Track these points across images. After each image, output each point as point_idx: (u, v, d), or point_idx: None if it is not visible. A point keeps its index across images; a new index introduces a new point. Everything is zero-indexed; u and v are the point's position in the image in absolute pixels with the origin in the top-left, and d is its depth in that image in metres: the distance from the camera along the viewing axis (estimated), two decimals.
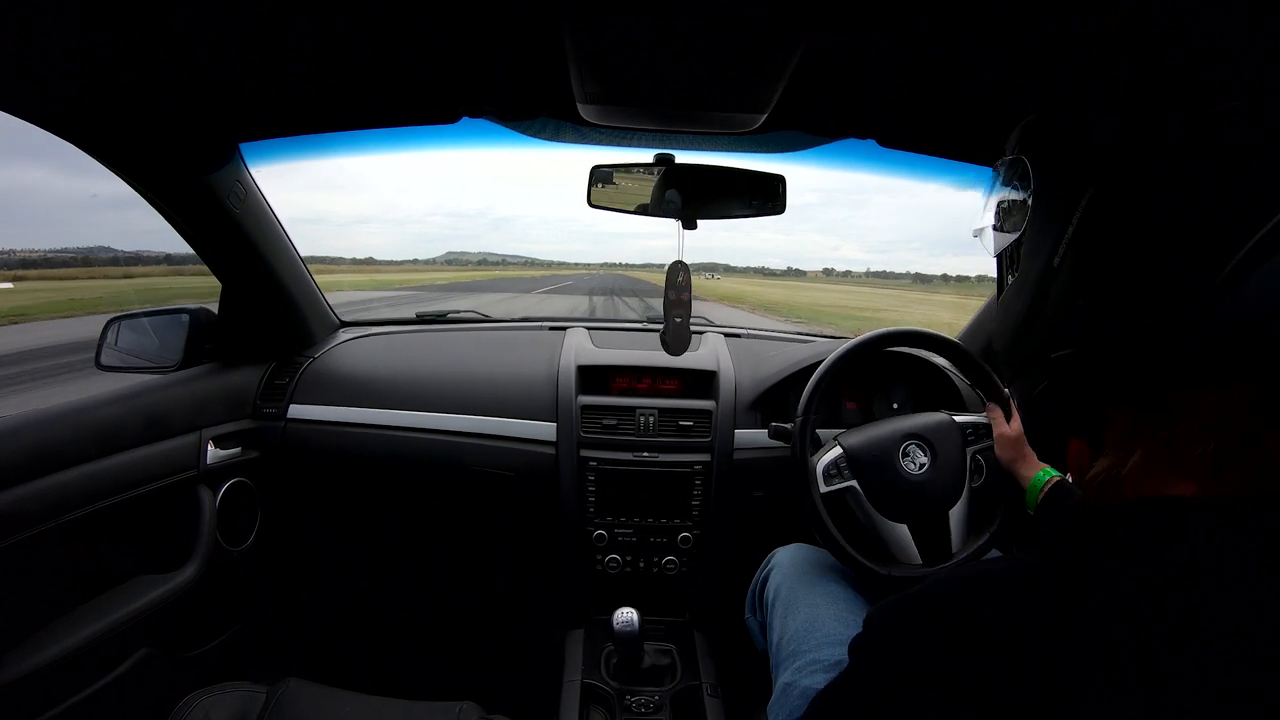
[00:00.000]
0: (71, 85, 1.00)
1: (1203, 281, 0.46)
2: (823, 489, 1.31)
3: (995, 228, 0.67)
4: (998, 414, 1.26)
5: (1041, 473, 1.15)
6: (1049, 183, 0.59)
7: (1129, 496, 0.53)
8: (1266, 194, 0.45)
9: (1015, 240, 0.62)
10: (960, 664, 0.48)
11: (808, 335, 2.11)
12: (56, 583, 1.20)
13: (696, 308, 1.31)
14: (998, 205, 0.67)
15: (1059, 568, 0.49)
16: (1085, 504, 0.58)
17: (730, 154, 1.32)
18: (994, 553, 1.34)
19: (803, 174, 1.36)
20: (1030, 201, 0.60)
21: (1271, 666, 0.41)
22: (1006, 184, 0.64)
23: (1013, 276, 0.64)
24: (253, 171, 1.45)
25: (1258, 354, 0.46)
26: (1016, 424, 1.21)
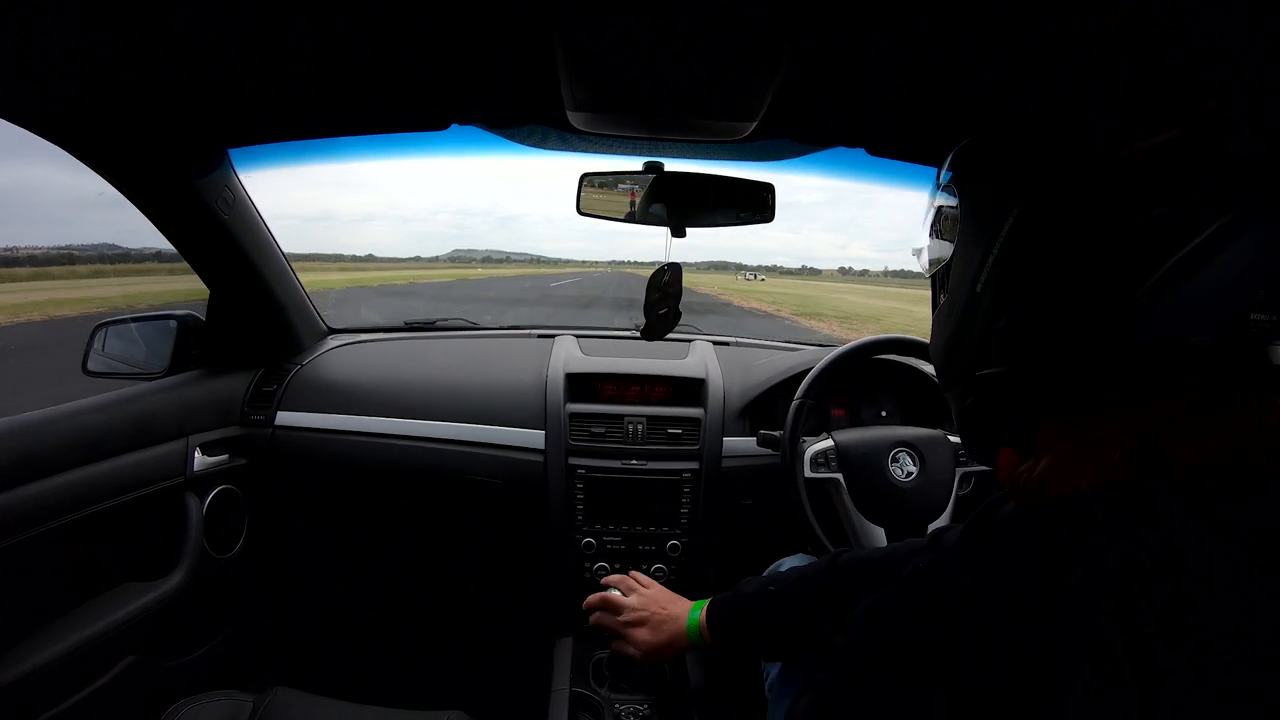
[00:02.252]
0: (57, 87, 0.99)
1: (1123, 304, 0.48)
2: (808, 474, 1.32)
3: (929, 246, 0.70)
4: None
5: (693, 607, 1.15)
6: (977, 205, 0.60)
7: (1045, 496, 0.56)
8: (1187, 214, 0.47)
9: (946, 261, 0.64)
10: (943, 657, 0.49)
11: (796, 344, 2.12)
12: (41, 590, 1.19)
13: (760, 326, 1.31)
14: (931, 225, 0.69)
15: (1032, 557, 0.50)
16: (1019, 503, 0.61)
17: (721, 162, 1.32)
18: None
19: (808, 174, 1.37)
20: (958, 224, 0.62)
21: (1258, 653, 0.42)
22: (939, 206, 0.67)
23: (945, 295, 0.65)
24: (242, 177, 1.45)
25: (1170, 372, 0.48)
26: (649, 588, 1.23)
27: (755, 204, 1.22)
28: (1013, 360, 0.55)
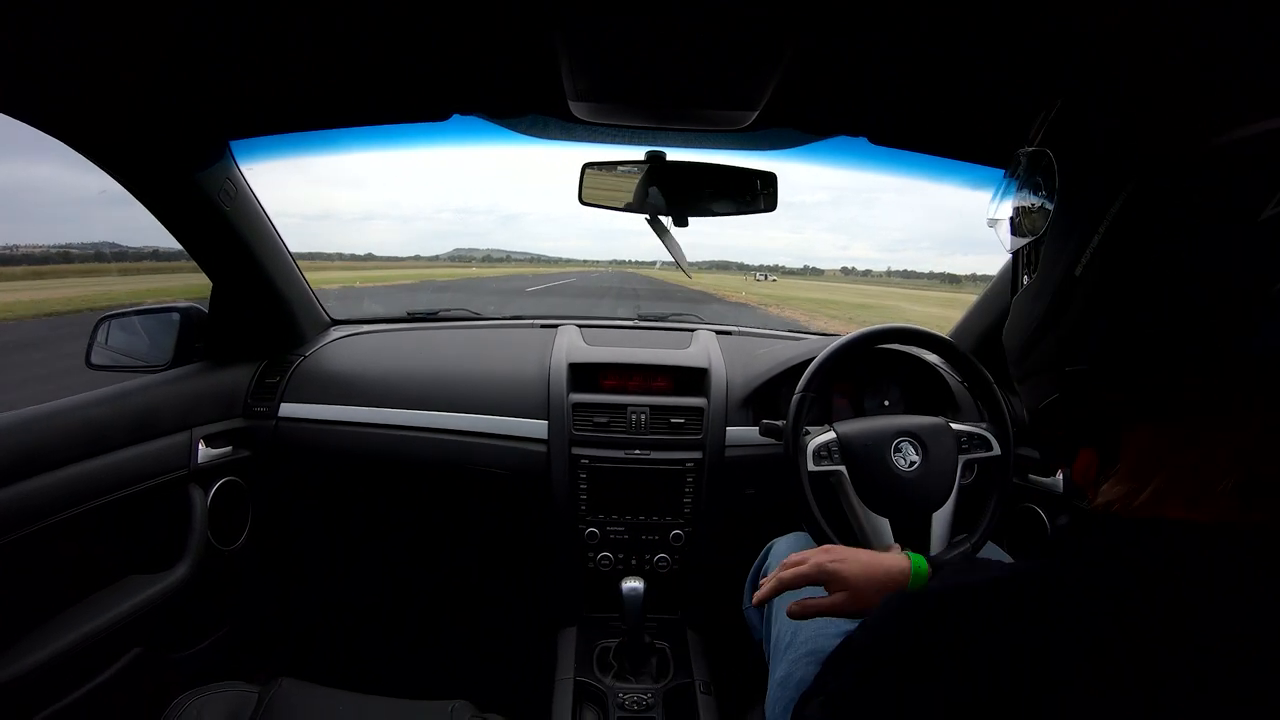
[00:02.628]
0: (59, 81, 0.99)
1: (1244, 305, 0.43)
2: (811, 468, 1.32)
3: (1013, 224, 0.62)
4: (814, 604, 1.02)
5: (913, 559, 0.98)
6: (1077, 180, 0.53)
7: (1146, 514, 0.51)
8: None
9: (1035, 240, 0.58)
10: (963, 672, 0.48)
11: (798, 333, 2.12)
12: (47, 584, 1.20)
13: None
14: (1016, 199, 0.61)
15: (1078, 582, 0.48)
16: (1097, 520, 0.55)
17: (723, 151, 1.32)
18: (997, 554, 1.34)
19: (813, 173, 1.36)
20: (1053, 200, 0.55)
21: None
22: (1027, 177, 0.59)
23: (1029, 277, 0.59)
24: (243, 169, 1.45)
25: None
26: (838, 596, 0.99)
27: (756, 191, 1.22)
28: (1113, 360, 0.50)
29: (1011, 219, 0.63)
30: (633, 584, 1.41)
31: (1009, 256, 0.65)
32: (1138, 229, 0.47)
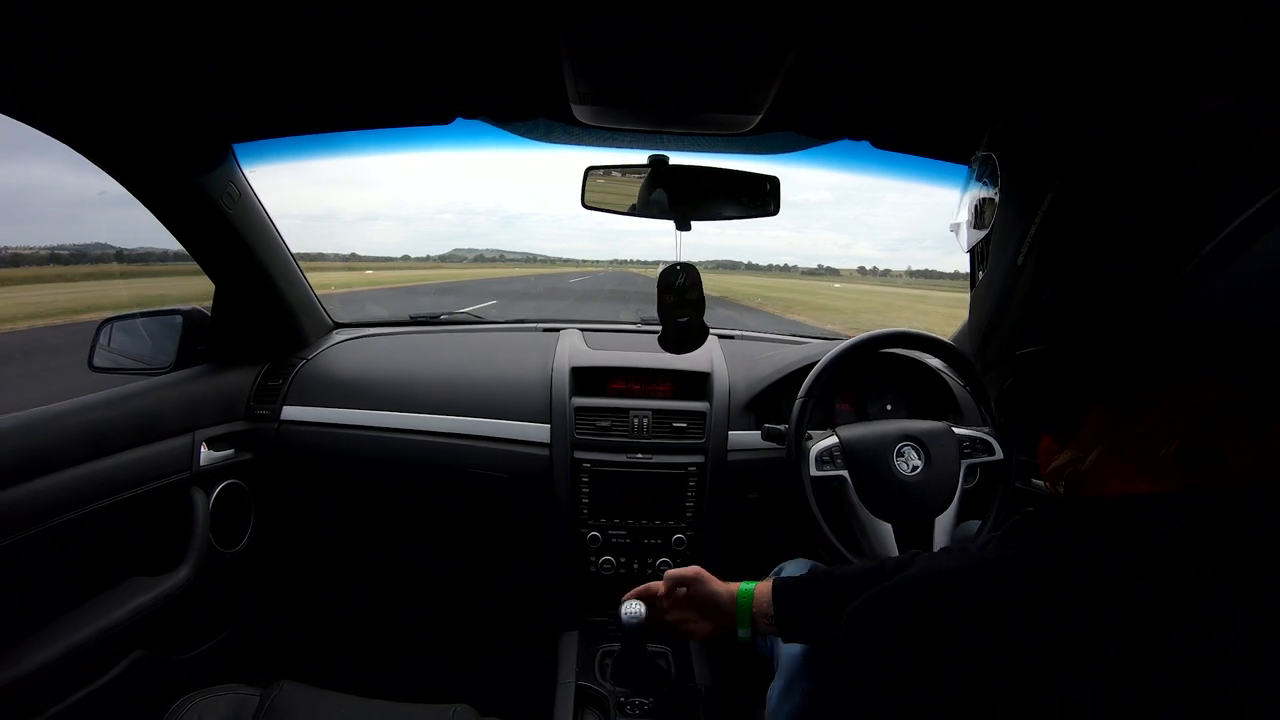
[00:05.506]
0: (63, 83, 0.99)
1: (1167, 278, 0.45)
2: (814, 472, 1.31)
3: (969, 223, 0.67)
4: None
5: (741, 586, 1.11)
6: (1016, 180, 0.58)
7: (1092, 493, 0.53)
8: (1237, 191, 0.44)
9: (985, 237, 0.62)
10: (944, 659, 0.48)
11: (802, 337, 2.12)
12: (49, 586, 1.19)
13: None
14: (971, 201, 0.66)
15: (1044, 561, 0.49)
16: (1052, 499, 0.58)
17: (726, 155, 1.32)
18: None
19: (814, 173, 1.35)
20: (998, 198, 0.60)
21: (1258, 666, 0.41)
22: (978, 180, 0.64)
23: (983, 273, 0.64)
24: (246, 172, 1.45)
25: (1226, 352, 0.45)
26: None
27: (759, 194, 1.21)
28: (1054, 338, 0.53)
29: (967, 220, 0.67)
30: (635, 608, 1.36)
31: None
32: (1067, 214, 0.52)
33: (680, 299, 1.21)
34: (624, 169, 1.22)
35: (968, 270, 1.06)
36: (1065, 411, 0.55)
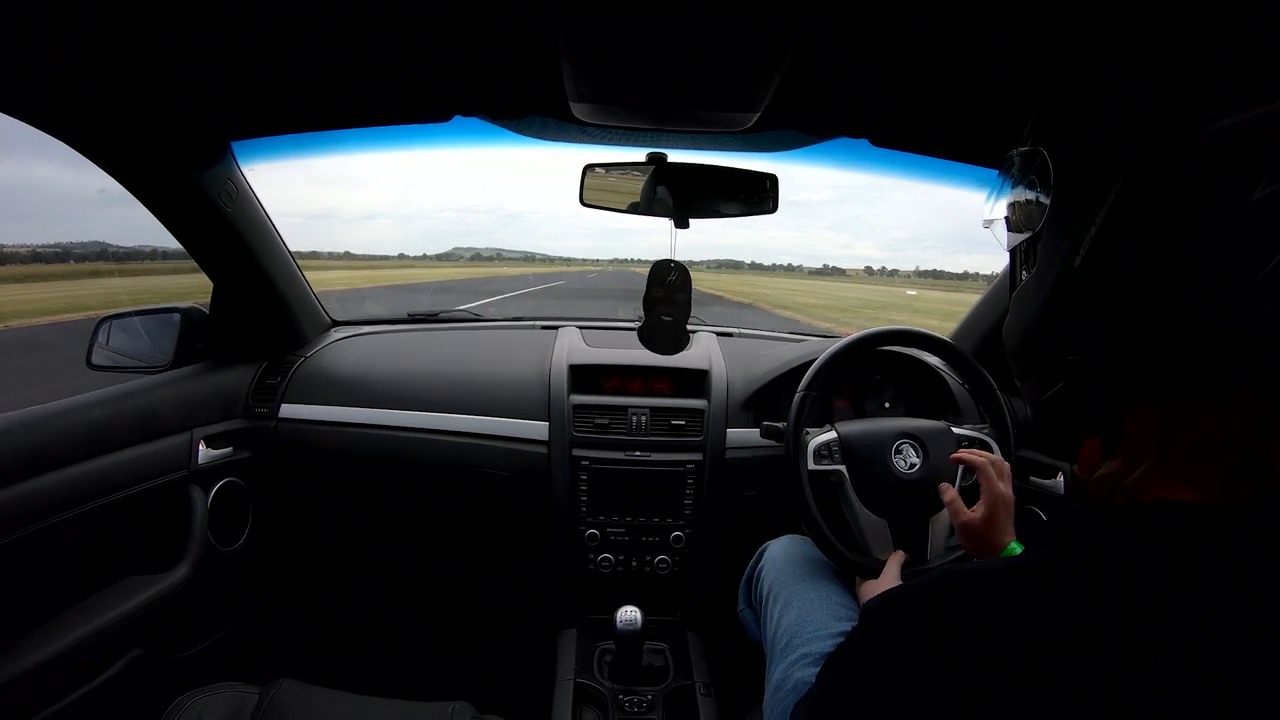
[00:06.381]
0: (61, 82, 0.99)
1: (1232, 290, 0.44)
2: (811, 466, 1.31)
3: (1009, 222, 0.64)
4: (955, 502, 1.15)
5: (1013, 544, 1.07)
6: (1070, 177, 0.55)
7: (1134, 500, 0.52)
8: None
9: (1033, 236, 0.59)
10: (961, 661, 0.48)
11: (800, 335, 2.12)
12: (47, 584, 1.19)
13: None
14: (1011, 198, 0.63)
15: (1066, 568, 0.48)
16: (1092, 506, 0.57)
17: (724, 153, 1.32)
18: None
19: (815, 171, 1.34)
20: (1049, 196, 0.57)
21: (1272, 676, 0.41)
22: (1022, 176, 0.61)
23: (1027, 273, 0.61)
24: (245, 170, 1.45)
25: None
26: (980, 509, 1.10)
27: (758, 192, 1.22)
28: (1113, 345, 0.51)
29: (1007, 217, 0.64)
30: (630, 615, 1.37)
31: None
32: (1133, 218, 0.49)
33: (668, 296, 1.21)
34: (623, 167, 1.22)
35: (975, 271, 1.05)
36: (1114, 418, 0.54)
